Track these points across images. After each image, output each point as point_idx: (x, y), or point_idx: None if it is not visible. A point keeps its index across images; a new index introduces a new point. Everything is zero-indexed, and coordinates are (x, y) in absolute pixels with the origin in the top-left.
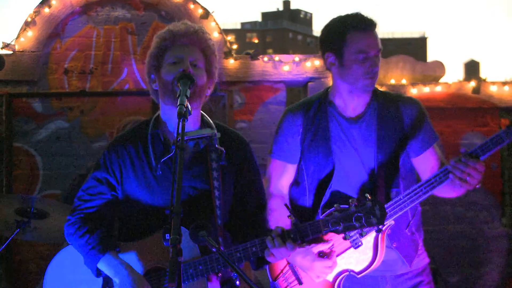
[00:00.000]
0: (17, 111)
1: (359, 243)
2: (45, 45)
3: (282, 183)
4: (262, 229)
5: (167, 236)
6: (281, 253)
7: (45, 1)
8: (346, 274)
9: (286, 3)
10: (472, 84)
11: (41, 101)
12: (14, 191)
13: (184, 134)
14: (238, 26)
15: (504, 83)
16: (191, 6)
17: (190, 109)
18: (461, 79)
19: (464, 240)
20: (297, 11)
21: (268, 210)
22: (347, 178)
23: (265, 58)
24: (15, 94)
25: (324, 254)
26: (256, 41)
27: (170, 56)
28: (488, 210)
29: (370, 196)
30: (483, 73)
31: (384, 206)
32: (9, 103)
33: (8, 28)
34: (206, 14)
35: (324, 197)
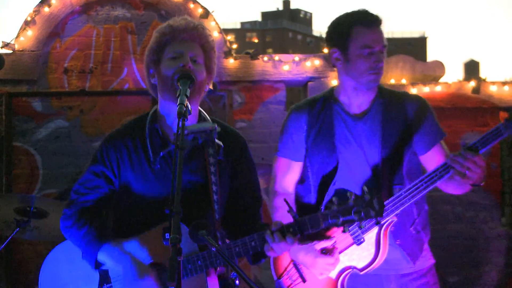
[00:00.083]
0: (17, 110)
1: (362, 240)
2: (45, 44)
3: (288, 181)
4: (257, 224)
5: (167, 236)
6: (281, 248)
7: (45, 1)
8: (350, 271)
9: (286, 3)
10: (472, 84)
11: (41, 101)
12: (14, 190)
13: (185, 129)
14: (238, 26)
15: (504, 83)
16: (191, 6)
17: (190, 109)
18: (461, 79)
19: (464, 240)
20: (297, 11)
21: (273, 208)
22: (351, 175)
23: (265, 58)
24: (15, 93)
25: (327, 251)
26: (256, 41)
27: (170, 51)
28: (488, 210)
29: (368, 189)
30: (483, 73)
31: (382, 198)
32: (9, 102)
33: (8, 28)
34: (206, 14)
35: (328, 194)
